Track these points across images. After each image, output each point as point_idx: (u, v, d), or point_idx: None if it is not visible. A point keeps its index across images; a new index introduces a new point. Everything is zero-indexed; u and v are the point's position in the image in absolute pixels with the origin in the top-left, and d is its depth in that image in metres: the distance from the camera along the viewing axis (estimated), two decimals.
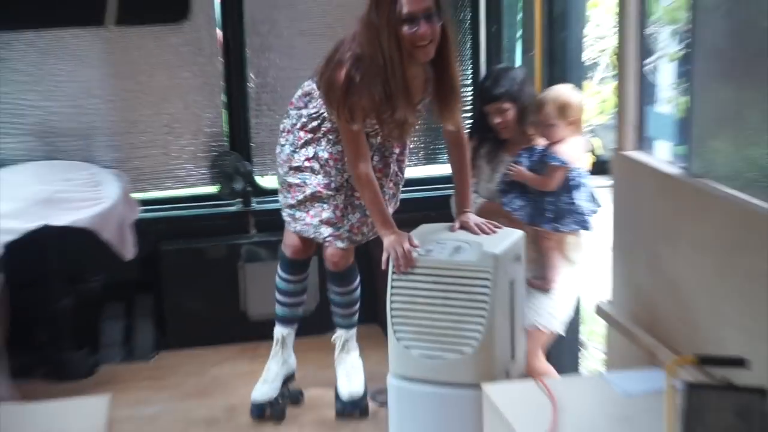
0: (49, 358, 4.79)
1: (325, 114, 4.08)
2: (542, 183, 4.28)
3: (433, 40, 3.67)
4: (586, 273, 4.57)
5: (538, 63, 4.81)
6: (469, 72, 5.15)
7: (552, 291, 4.44)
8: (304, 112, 4.14)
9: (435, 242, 3.78)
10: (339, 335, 4.38)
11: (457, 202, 4.20)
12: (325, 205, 4.15)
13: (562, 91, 4.29)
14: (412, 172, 5.58)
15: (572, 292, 4.51)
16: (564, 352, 5.00)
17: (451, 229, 3.98)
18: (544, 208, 4.30)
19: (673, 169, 3.70)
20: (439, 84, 3.91)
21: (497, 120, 4.47)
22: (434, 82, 3.92)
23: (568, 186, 4.25)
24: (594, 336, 5.58)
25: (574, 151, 4.26)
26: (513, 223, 4.28)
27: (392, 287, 3.75)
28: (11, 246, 4.28)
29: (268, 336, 4.44)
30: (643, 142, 4.06)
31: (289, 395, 4.27)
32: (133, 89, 4.98)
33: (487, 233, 3.90)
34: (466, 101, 5.32)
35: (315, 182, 4.12)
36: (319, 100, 4.10)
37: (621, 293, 4.11)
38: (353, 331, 4.39)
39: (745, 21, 3.23)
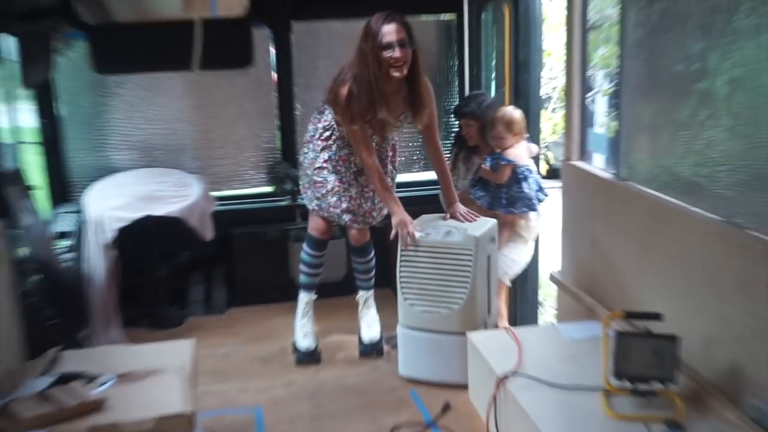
0: (149, 312, 4.76)
1: (334, 125, 4.06)
2: (496, 177, 4.29)
3: (406, 62, 3.74)
4: (535, 245, 4.59)
5: (507, 97, 4.81)
6: (457, 102, 5.14)
7: (501, 253, 4.36)
8: (319, 125, 4.10)
9: (432, 227, 3.81)
10: (361, 295, 4.32)
11: (444, 197, 4.20)
12: (342, 198, 4.07)
13: (508, 111, 4.30)
14: (413, 176, 5.61)
15: (520, 257, 4.48)
16: (526, 309, 5.01)
17: (444, 218, 4.02)
18: (500, 197, 4.29)
19: (606, 175, 3.75)
20: (411, 95, 3.93)
21: (465, 132, 4.57)
22: (408, 94, 3.93)
23: (518, 178, 4.24)
24: (548, 297, 5.59)
25: (520, 153, 4.25)
26: (480, 210, 4.34)
27: (400, 261, 3.79)
28: (122, 230, 4.32)
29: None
30: (585, 154, 4.10)
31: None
32: (211, 116, 4.96)
33: (470, 221, 3.94)
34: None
35: (332, 179, 4.06)
36: (329, 114, 4.08)
37: (568, 265, 4.15)
38: (371, 292, 4.32)
39: (656, 66, 3.26)
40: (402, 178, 5.33)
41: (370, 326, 4.27)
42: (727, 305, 2.81)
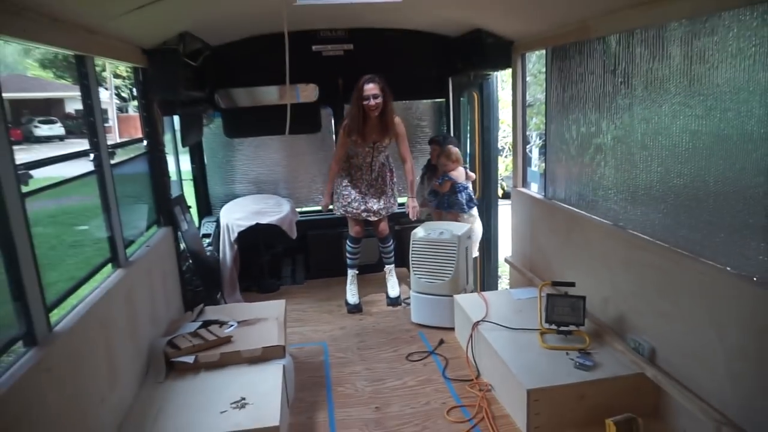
0: (258, 282, 4.67)
1: (350, 157, 4.05)
2: (440, 189, 4.28)
3: (377, 107, 3.76)
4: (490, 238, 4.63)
5: (477, 148, 4.81)
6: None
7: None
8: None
9: (432, 230, 3.79)
10: (387, 268, 4.31)
11: (406, 191, 4.17)
12: (359, 203, 4.05)
13: (450, 147, 4.25)
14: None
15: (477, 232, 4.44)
16: (491, 280, 4.98)
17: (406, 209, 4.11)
18: (444, 201, 4.31)
19: (539, 196, 3.74)
20: (381, 124, 3.86)
21: (430, 154, 4.57)
22: (379, 124, 3.86)
23: (454, 191, 4.25)
24: (504, 272, 5.54)
25: (457, 175, 4.24)
26: (436, 213, 4.44)
27: (412, 250, 3.77)
28: (241, 233, 4.34)
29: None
30: (525, 183, 4.07)
31: None
32: (295, 161, 4.92)
33: (411, 214, 4.04)
34: None
35: (352, 193, 4.05)
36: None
37: (516, 252, 4.12)
38: (393, 266, 4.30)
39: (568, 129, 3.25)
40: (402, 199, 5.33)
41: (393, 287, 4.27)
42: (615, 277, 2.80)
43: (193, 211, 4.63)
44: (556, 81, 3.38)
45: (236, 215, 4.44)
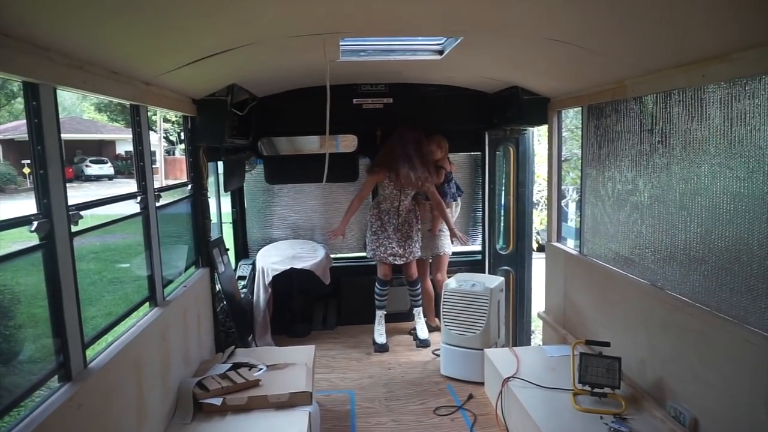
0: (289, 326, 4.69)
1: (376, 203, 4.33)
2: (437, 181, 4.38)
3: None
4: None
5: (511, 201, 4.78)
6: (480, 204, 5.17)
7: (438, 235, 4.52)
8: (372, 207, 4.41)
9: (464, 281, 3.74)
10: (416, 311, 4.44)
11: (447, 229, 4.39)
12: (387, 247, 4.25)
13: (439, 136, 4.42)
14: (455, 248, 5.55)
15: (447, 234, 4.53)
16: (523, 335, 4.84)
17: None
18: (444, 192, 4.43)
19: (574, 251, 3.65)
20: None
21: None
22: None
23: (446, 179, 4.43)
24: (537, 328, 5.38)
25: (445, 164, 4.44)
26: (421, 206, 4.53)
27: (443, 302, 3.74)
28: (276, 276, 4.36)
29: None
30: (560, 238, 4.00)
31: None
32: (332, 209, 4.98)
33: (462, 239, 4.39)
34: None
35: (379, 237, 4.27)
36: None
37: (550, 308, 4.00)
38: (420, 309, 4.44)
39: (604, 186, 3.20)
40: None
41: (422, 330, 4.39)
42: (653, 338, 2.68)
43: (231, 253, 4.71)
44: (592, 138, 3.36)
45: (272, 259, 4.49)
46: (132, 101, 2.42)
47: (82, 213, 1.95)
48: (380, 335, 4.35)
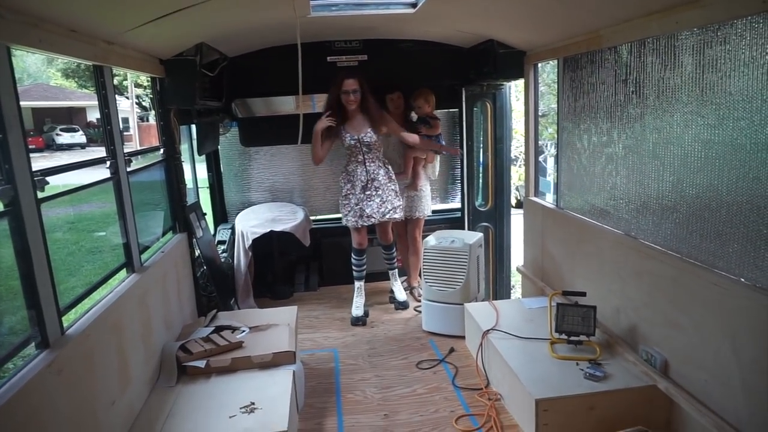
0: (271, 289, 4.67)
1: (346, 160, 4.04)
2: (434, 131, 4.33)
3: (356, 100, 3.81)
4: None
5: (490, 157, 4.78)
6: (458, 161, 5.13)
7: (419, 192, 4.36)
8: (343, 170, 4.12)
9: (443, 238, 3.76)
10: (390, 273, 4.28)
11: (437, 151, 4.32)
12: (355, 211, 3.96)
13: (426, 89, 4.32)
14: (434, 206, 5.56)
15: (429, 195, 4.47)
16: (504, 290, 4.94)
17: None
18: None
19: (551, 205, 3.68)
20: (368, 116, 3.88)
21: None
22: (365, 117, 3.89)
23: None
24: (518, 282, 5.48)
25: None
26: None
27: (424, 259, 3.76)
28: (256, 240, 4.33)
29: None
30: (538, 193, 4.03)
31: (365, 313, 4.09)
32: (309, 170, 4.95)
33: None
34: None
35: (349, 202, 3.99)
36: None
37: (528, 261, 4.06)
38: (395, 270, 4.28)
39: (579, 139, 3.21)
40: None
41: (399, 291, 4.27)
42: (627, 287, 2.75)
43: (209, 218, 4.67)
44: (567, 91, 3.35)
45: (251, 222, 4.45)
46: (94, 61, 2.33)
47: (50, 181, 1.91)
48: (357, 308, 4.10)
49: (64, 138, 24.80)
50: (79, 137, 25.21)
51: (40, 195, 1.81)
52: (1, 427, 1.42)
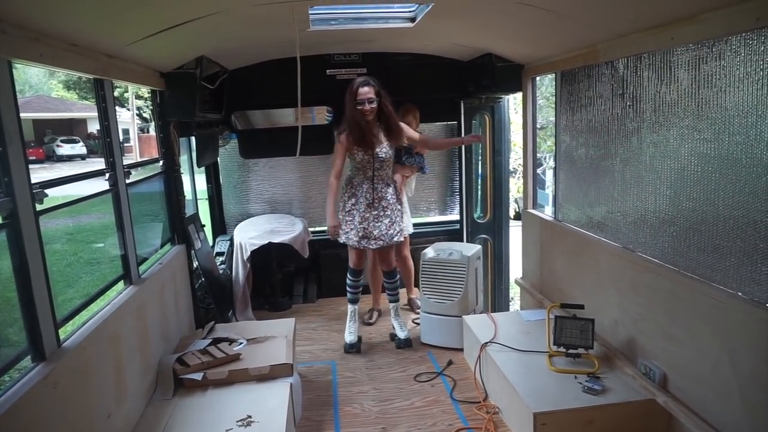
0: (269, 301, 4.66)
1: (351, 174, 3.64)
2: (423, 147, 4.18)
3: (372, 112, 3.41)
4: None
5: (488, 170, 4.80)
6: (457, 174, 5.11)
7: (403, 209, 3.93)
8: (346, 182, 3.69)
9: (441, 250, 3.75)
10: (392, 306, 3.83)
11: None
12: (359, 230, 3.56)
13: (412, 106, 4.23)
14: (430, 218, 5.54)
15: (408, 211, 4.29)
16: (502, 302, 4.93)
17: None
18: (416, 161, 4.24)
19: (549, 218, 3.69)
20: (387, 131, 3.51)
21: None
22: (386, 132, 3.52)
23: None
24: (517, 294, 5.47)
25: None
26: (410, 168, 4.26)
27: (422, 271, 3.74)
28: (254, 251, 4.33)
29: (366, 291, 4.20)
30: (536, 205, 4.03)
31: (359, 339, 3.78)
32: (308, 182, 4.96)
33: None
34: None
35: (352, 218, 3.59)
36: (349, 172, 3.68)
37: (526, 274, 4.06)
38: (398, 304, 3.84)
39: (577, 152, 3.22)
40: (421, 219, 5.31)
41: (401, 328, 3.79)
42: (624, 300, 2.75)
43: (208, 229, 4.66)
44: (565, 104, 3.37)
45: (249, 234, 4.45)
46: (95, 75, 2.34)
47: (50, 193, 1.91)
48: (350, 333, 3.74)
49: (65, 149, 24.83)
50: (80, 148, 25.25)
51: (38, 207, 1.82)
52: None
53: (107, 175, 2.49)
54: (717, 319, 2.09)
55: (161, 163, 3.32)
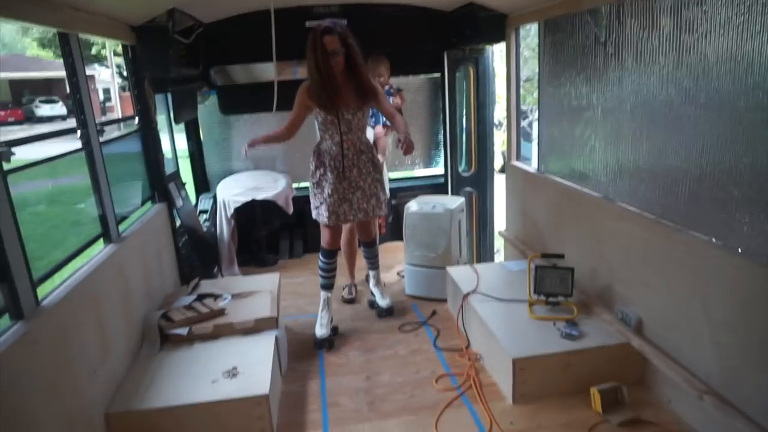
0: (255, 257, 4.67)
1: (320, 135, 3.14)
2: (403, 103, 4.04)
3: (339, 63, 2.86)
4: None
5: (473, 122, 4.75)
6: (441, 127, 5.09)
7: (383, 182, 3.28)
8: (314, 148, 3.23)
9: (425, 203, 3.74)
10: (372, 274, 3.56)
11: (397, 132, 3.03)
12: (329, 204, 3.11)
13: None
14: (413, 173, 5.50)
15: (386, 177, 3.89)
16: (487, 255, 4.97)
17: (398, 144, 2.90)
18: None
19: (532, 170, 3.68)
20: (358, 90, 2.96)
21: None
22: (356, 90, 2.96)
23: None
24: (501, 246, 5.52)
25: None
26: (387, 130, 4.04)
27: (405, 223, 3.75)
28: (238, 208, 4.31)
29: None
30: (520, 158, 4.02)
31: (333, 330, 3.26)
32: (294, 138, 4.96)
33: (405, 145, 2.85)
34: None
35: (324, 191, 3.16)
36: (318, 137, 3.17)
37: (510, 226, 4.08)
38: (377, 271, 3.54)
39: (560, 103, 3.18)
40: (405, 174, 5.28)
41: (383, 297, 3.50)
42: (603, 248, 2.78)
43: (191, 187, 4.60)
44: (548, 54, 3.30)
45: (233, 191, 4.41)
46: (60, 28, 2.24)
47: (29, 155, 1.86)
48: (321, 326, 3.17)
49: (44, 110, 24.16)
50: (60, 109, 24.59)
51: (6, 166, 1.76)
52: None
53: (79, 133, 2.42)
54: (691, 266, 2.13)
55: (136, 120, 3.24)
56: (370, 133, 3.70)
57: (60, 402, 1.83)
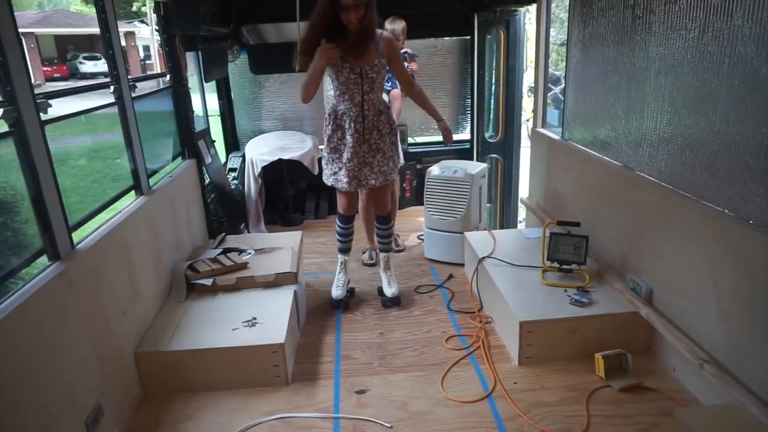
0: (282, 216, 4.81)
1: (332, 112, 2.94)
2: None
3: (357, 17, 2.59)
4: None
5: (501, 87, 4.70)
6: (468, 91, 5.05)
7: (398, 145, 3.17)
8: (329, 110, 3.02)
9: (446, 168, 3.78)
10: (382, 256, 3.33)
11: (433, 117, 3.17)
12: (348, 169, 2.92)
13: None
14: (435, 137, 5.48)
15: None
16: (510, 221, 4.99)
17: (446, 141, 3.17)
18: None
19: (557, 137, 3.65)
20: (375, 43, 2.76)
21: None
22: (373, 44, 2.76)
23: None
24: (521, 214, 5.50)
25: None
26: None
27: (426, 188, 3.80)
28: (265, 167, 4.43)
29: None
30: (546, 124, 3.98)
31: (350, 292, 3.31)
32: (319, 98, 4.96)
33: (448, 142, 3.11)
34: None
35: (340, 157, 2.97)
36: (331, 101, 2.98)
37: (532, 194, 4.08)
38: (391, 254, 3.33)
39: (585, 68, 3.12)
40: (431, 138, 5.27)
41: (390, 284, 3.25)
42: (620, 217, 2.78)
43: (221, 146, 4.74)
44: (578, 18, 3.23)
45: (260, 150, 4.53)
46: None
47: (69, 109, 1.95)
48: (337, 287, 3.20)
49: (87, 66, 24.69)
50: (102, 65, 24.99)
51: (43, 117, 1.89)
52: (16, 328, 1.57)
53: (112, 88, 2.54)
54: (703, 236, 2.13)
55: (168, 77, 3.35)
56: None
57: (92, 338, 2.00)
